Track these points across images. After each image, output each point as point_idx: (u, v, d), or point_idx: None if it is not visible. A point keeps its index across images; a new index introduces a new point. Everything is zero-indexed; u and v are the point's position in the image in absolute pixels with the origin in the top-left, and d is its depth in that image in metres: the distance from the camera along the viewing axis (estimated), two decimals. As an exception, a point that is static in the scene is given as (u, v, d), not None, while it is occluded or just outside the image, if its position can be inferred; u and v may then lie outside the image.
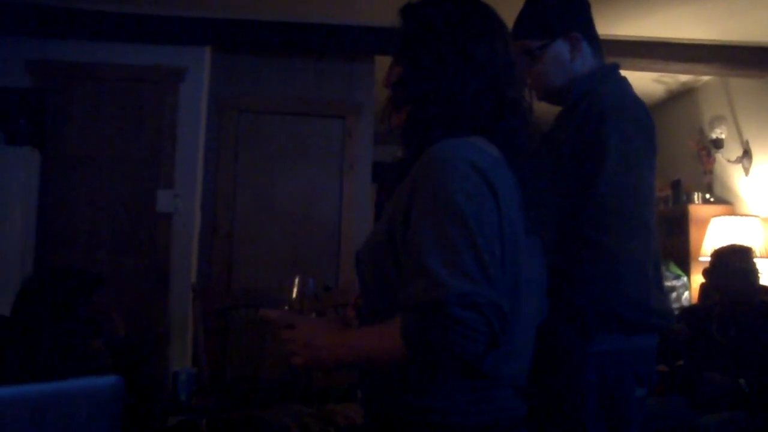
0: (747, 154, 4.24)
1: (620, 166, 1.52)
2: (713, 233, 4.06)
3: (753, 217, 4.03)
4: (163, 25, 3.86)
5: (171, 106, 3.91)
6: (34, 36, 3.83)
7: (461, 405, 1.10)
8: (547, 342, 1.64)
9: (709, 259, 3.95)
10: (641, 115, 1.61)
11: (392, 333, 1.02)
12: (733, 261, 3.20)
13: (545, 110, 1.81)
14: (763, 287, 3.30)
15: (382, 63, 4.16)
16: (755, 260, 3.26)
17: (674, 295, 4.23)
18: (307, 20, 3.87)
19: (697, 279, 4.01)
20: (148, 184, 3.82)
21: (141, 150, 3.86)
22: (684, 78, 4.70)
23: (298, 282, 1.31)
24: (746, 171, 4.26)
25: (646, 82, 4.77)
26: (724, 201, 4.41)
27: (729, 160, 4.35)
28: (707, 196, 4.42)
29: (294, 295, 1.30)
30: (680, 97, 5.06)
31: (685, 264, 4.29)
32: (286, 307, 1.30)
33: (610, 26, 3.71)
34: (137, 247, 3.77)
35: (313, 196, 4.07)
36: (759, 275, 3.24)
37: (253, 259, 3.95)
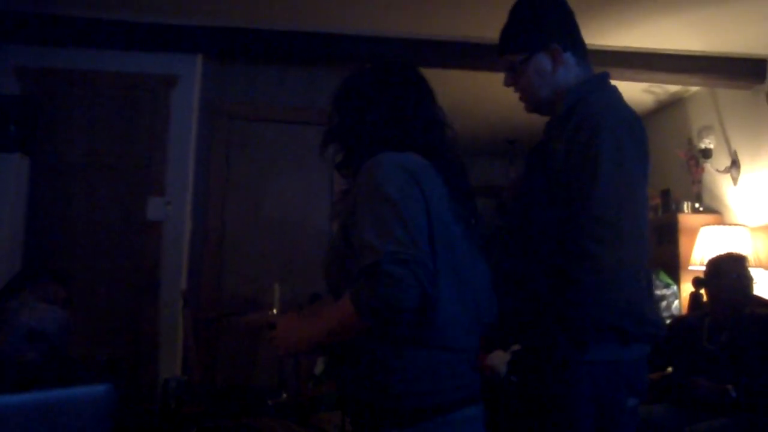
0: (735, 163, 4.28)
1: (614, 176, 1.53)
2: (702, 242, 4.08)
3: (741, 227, 4.06)
4: (154, 32, 3.86)
5: (162, 114, 3.91)
6: (24, 43, 3.82)
7: (424, 386, 1.26)
8: (542, 351, 1.64)
9: (698, 268, 4.00)
10: (634, 125, 1.62)
11: (344, 303, 1.24)
12: (730, 269, 3.22)
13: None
14: (755, 297, 3.32)
15: (374, 71, 4.18)
16: (749, 269, 3.28)
17: (664, 303, 4.24)
18: (299, 28, 3.88)
19: (687, 288, 4.03)
20: (138, 191, 3.80)
21: (132, 157, 3.85)
22: (673, 88, 4.75)
23: (277, 289, 1.49)
24: (734, 180, 4.29)
25: (635, 92, 4.81)
26: (713, 210, 4.44)
27: (718, 170, 4.39)
28: (696, 205, 4.46)
29: (276, 301, 1.48)
30: (669, 107, 5.11)
31: (674, 273, 4.31)
32: (274, 311, 1.47)
33: (599, 36, 3.75)
34: (127, 254, 3.75)
35: (304, 203, 4.07)
36: (753, 284, 3.26)
37: (244, 266, 3.93)
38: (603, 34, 3.74)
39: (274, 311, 1.51)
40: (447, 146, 1.45)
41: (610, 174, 1.52)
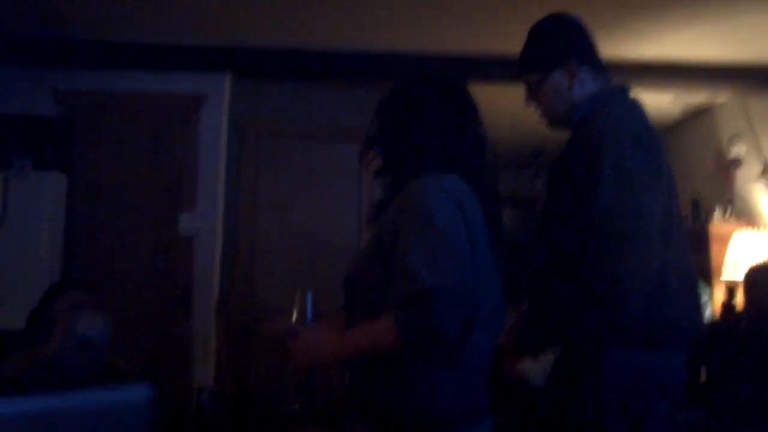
0: (767, 171, 4.22)
1: (616, 186, 1.55)
2: (735, 249, 4.03)
3: (775, 234, 4.00)
4: (183, 53, 3.96)
5: (192, 132, 3.99)
6: (60, 66, 3.94)
7: (451, 403, 1.31)
8: (562, 365, 1.65)
9: (731, 276, 3.95)
10: (642, 133, 1.64)
11: (383, 325, 1.26)
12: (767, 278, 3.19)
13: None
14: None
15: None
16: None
17: (697, 313, 4.19)
18: (326, 47, 3.94)
19: (719, 297, 3.98)
20: (171, 207, 3.89)
21: (163, 174, 3.94)
22: (700, 98, 4.71)
23: (299, 297, 1.46)
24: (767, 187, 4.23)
25: (662, 103, 4.78)
26: (746, 218, 4.38)
27: (749, 178, 4.33)
28: (727, 213, 4.40)
29: (296, 310, 1.44)
30: (697, 116, 5.06)
31: (706, 282, 4.25)
32: (293, 319, 1.43)
33: (626, 48, 3.72)
34: (161, 268, 3.83)
35: (332, 218, 4.12)
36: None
37: (274, 279, 3.98)
38: (630, 46, 3.72)
39: (293, 319, 1.48)
40: (487, 171, 1.46)
41: (609, 185, 1.55)
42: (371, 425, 1.37)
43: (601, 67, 1.83)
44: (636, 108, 1.74)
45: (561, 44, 1.81)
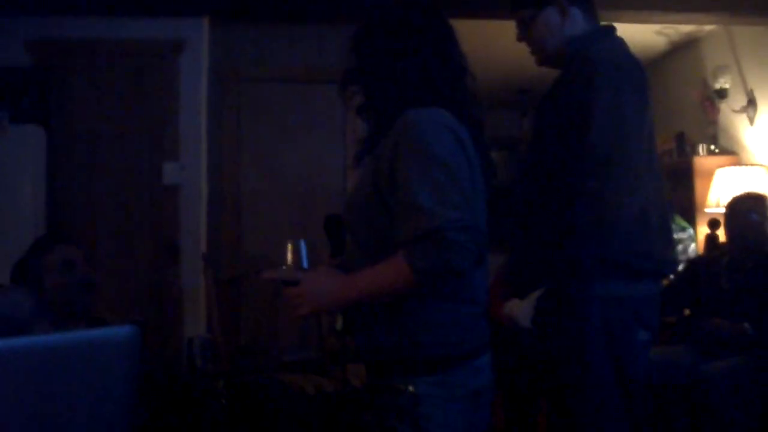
0: (752, 103, 4.21)
1: (609, 119, 1.61)
2: (718, 184, 4.06)
3: (759, 167, 4.02)
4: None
5: (171, 79, 3.92)
6: (31, 15, 3.82)
7: (456, 336, 1.33)
8: (550, 292, 1.70)
9: (714, 210, 3.99)
10: (632, 70, 1.70)
11: (395, 264, 1.24)
12: (748, 208, 3.23)
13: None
14: (769, 237, 3.32)
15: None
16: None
17: (680, 247, 4.24)
18: (305, -15, 3.85)
19: (703, 231, 4.03)
20: (153, 156, 3.85)
21: (144, 123, 3.89)
22: (686, 29, 4.65)
23: (291, 246, 1.42)
24: (751, 120, 4.23)
25: (648, 34, 4.72)
26: (729, 152, 4.39)
27: (734, 110, 4.33)
28: (712, 147, 4.41)
29: (289, 260, 1.41)
30: (683, 48, 5.01)
31: (690, 216, 4.30)
32: (284, 267, 1.40)
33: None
34: (146, 219, 3.82)
35: (318, 163, 4.09)
36: (768, 224, 3.26)
37: (261, 227, 3.99)
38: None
39: (286, 266, 1.44)
40: (471, 100, 1.43)
41: (603, 117, 1.60)
42: (373, 364, 1.37)
43: (590, 8, 1.86)
44: (624, 45, 1.80)
45: None
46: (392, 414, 1.29)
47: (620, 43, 1.80)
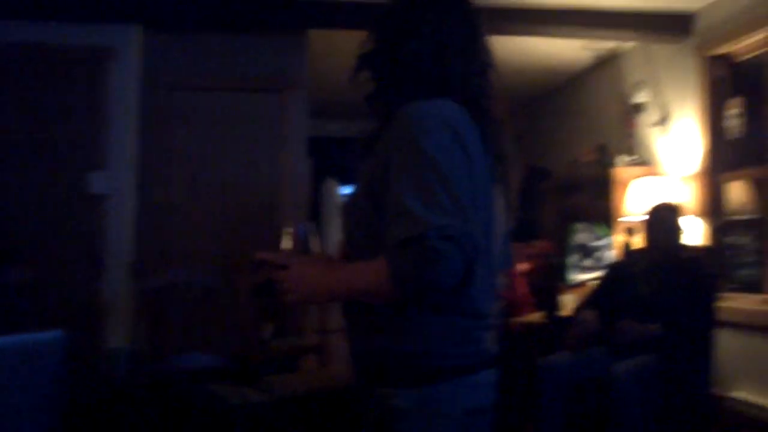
0: (666, 116, 4.44)
1: None
2: (634, 194, 4.25)
3: (671, 177, 4.24)
4: (91, 3, 3.80)
5: (101, 86, 3.88)
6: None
7: (448, 348, 1.22)
8: None
9: (629, 218, 4.19)
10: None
11: (379, 268, 1.13)
12: (663, 217, 3.42)
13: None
14: (684, 243, 3.52)
15: (316, 37, 4.20)
16: (680, 217, 3.47)
17: (600, 254, 4.45)
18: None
19: (620, 238, 4.22)
20: (80, 166, 3.80)
21: (71, 132, 3.84)
22: (609, 45, 4.85)
23: (289, 230, 1.38)
24: (665, 134, 4.46)
25: (574, 49, 4.92)
26: (645, 163, 4.60)
27: (650, 124, 4.55)
28: (630, 158, 4.62)
29: (285, 242, 1.37)
30: (606, 63, 5.22)
31: (610, 225, 4.49)
32: (283, 250, 1.37)
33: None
34: (72, 229, 3.77)
35: (250, 172, 4.10)
36: (683, 232, 3.46)
37: (192, 237, 3.97)
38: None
39: (285, 250, 1.37)
40: (488, 95, 1.32)
41: None
42: (359, 369, 1.30)
43: None
44: None
45: None
46: (370, 428, 1.23)
47: None
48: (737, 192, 4.01)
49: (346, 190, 5.72)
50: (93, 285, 3.71)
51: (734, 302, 3.73)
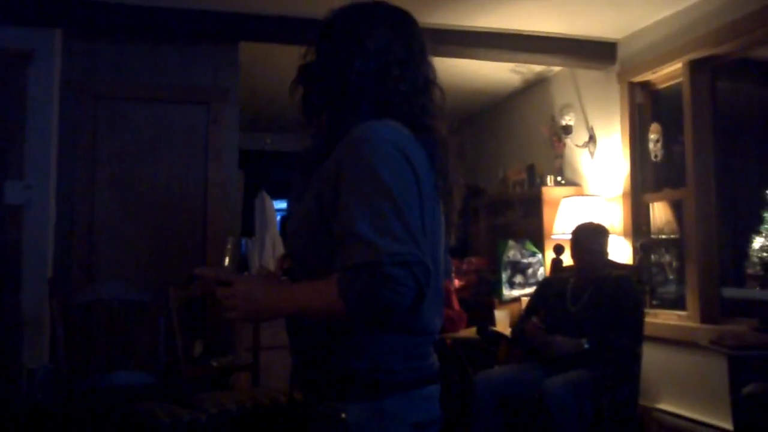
0: (592, 139, 4.61)
1: None
2: (563, 213, 4.38)
3: (598, 197, 4.39)
4: (7, 4, 3.60)
5: (18, 91, 3.67)
6: None
7: (396, 364, 1.23)
8: None
9: (559, 237, 4.30)
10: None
11: (329, 288, 1.14)
12: (590, 236, 3.53)
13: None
14: (610, 261, 3.64)
15: (247, 49, 4.13)
16: (606, 236, 3.58)
17: (530, 271, 4.55)
18: (171, 5, 3.76)
19: (550, 256, 4.33)
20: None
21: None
22: (538, 68, 5.01)
23: (231, 244, 1.36)
24: (591, 155, 4.63)
25: (503, 72, 5.04)
26: (573, 183, 4.76)
27: (577, 145, 4.71)
28: (558, 178, 4.76)
29: (227, 257, 1.35)
30: (535, 86, 5.39)
31: (539, 242, 4.61)
32: (225, 264, 1.34)
33: (467, 18, 3.87)
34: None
35: (177, 184, 3.96)
36: (607, 250, 3.57)
37: (116, 251, 3.79)
38: (470, 16, 3.86)
39: (225, 264, 1.34)
40: (432, 115, 1.33)
41: None
42: (309, 386, 1.29)
43: None
44: None
45: None
46: None
47: None
48: (661, 212, 4.19)
49: (280, 204, 5.64)
50: (10, 300, 3.47)
51: (657, 318, 3.89)
